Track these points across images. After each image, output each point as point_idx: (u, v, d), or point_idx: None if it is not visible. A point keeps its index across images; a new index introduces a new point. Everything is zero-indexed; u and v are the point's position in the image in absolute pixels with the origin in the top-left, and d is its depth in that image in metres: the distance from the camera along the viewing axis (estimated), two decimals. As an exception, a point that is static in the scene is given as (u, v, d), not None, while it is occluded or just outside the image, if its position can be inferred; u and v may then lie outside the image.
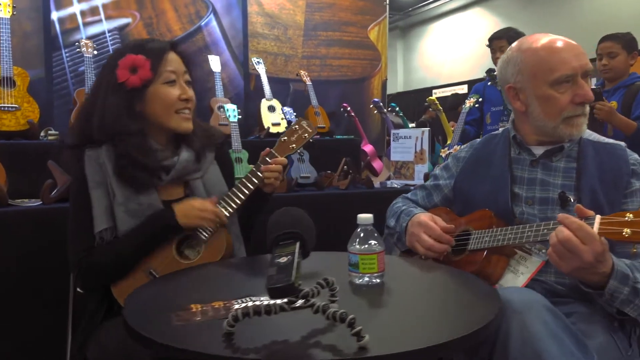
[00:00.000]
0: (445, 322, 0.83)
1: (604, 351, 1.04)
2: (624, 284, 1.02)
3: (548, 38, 1.26)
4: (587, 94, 1.21)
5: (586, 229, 0.95)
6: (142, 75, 1.28)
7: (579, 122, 1.24)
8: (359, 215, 1.02)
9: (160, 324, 0.77)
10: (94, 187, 1.28)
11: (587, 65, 1.23)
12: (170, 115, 1.32)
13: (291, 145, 1.42)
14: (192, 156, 1.37)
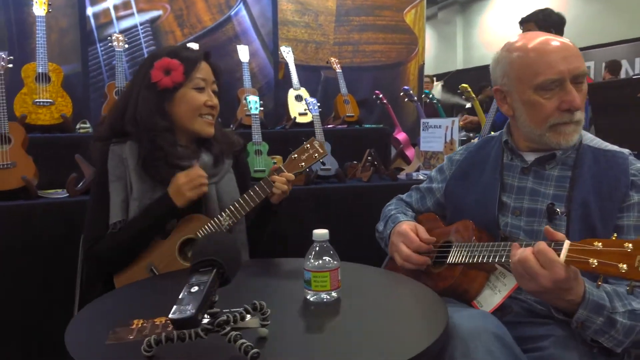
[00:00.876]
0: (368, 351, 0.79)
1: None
2: (596, 314, 0.94)
3: (538, 39, 1.16)
4: (574, 100, 1.11)
5: (547, 254, 0.88)
6: (175, 77, 1.36)
7: (567, 130, 1.14)
8: (314, 231, 1.00)
9: (92, 341, 0.80)
10: (114, 180, 1.37)
11: (578, 69, 1.12)
12: (194, 118, 1.40)
13: (300, 164, 1.44)
14: (211, 160, 1.44)
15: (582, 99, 1.14)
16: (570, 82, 1.12)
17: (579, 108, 1.13)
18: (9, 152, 2.16)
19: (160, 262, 1.35)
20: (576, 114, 1.14)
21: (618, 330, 0.96)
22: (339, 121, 3.20)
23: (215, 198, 1.45)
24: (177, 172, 1.39)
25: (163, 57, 1.38)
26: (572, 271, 0.89)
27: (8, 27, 2.85)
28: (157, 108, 1.39)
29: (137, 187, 1.37)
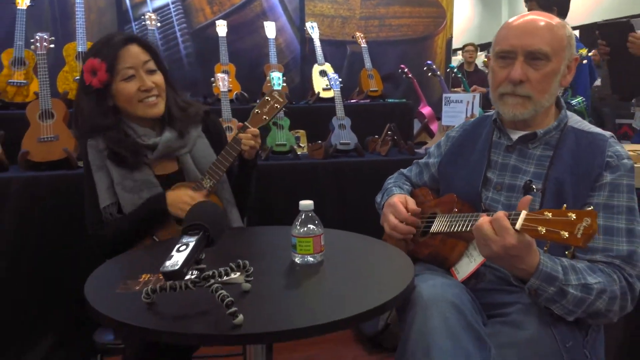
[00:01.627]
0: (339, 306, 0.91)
1: (535, 341, 1.06)
2: (548, 284, 1.02)
3: (519, 17, 1.24)
4: (514, 73, 1.18)
5: (501, 221, 0.96)
6: (100, 77, 1.43)
7: (510, 101, 1.22)
8: (300, 202, 1.11)
9: (106, 290, 0.95)
10: (96, 170, 1.50)
11: (531, 46, 1.17)
12: (135, 105, 1.48)
13: (263, 117, 1.53)
14: (174, 135, 1.53)
15: (538, 77, 1.19)
16: (525, 59, 1.18)
17: (515, 81, 1.18)
18: (52, 126, 2.36)
19: (162, 233, 1.49)
20: (519, 88, 1.19)
21: (568, 301, 1.04)
22: (362, 95, 3.26)
23: (192, 165, 1.56)
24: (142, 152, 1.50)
25: (88, 59, 1.45)
26: (524, 240, 0.97)
27: (51, 9, 3.05)
28: (99, 108, 1.47)
29: (116, 173, 1.49)
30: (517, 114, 1.22)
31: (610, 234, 1.13)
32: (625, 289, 1.09)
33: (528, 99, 1.21)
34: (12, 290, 2.19)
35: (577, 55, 1.26)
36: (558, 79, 1.22)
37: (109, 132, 1.48)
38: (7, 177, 2.20)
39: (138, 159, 1.50)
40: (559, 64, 1.20)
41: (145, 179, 1.51)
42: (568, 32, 1.23)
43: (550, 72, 1.19)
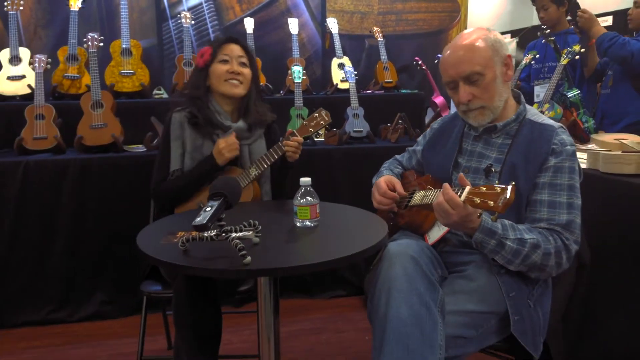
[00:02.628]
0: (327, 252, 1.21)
1: (482, 290, 1.34)
2: (489, 237, 1.29)
3: (448, 47, 1.49)
4: (460, 98, 1.45)
5: (454, 199, 1.24)
6: (205, 58, 1.87)
7: (471, 115, 1.48)
8: (301, 178, 1.41)
9: (153, 241, 1.29)
10: (174, 139, 1.87)
11: (463, 72, 1.42)
12: (222, 83, 1.87)
13: (310, 129, 1.87)
14: (245, 126, 1.91)
15: (481, 91, 1.43)
16: (464, 82, 1.43)
17: (463, 102, 1.45)
18: (101, 115, 2.73)
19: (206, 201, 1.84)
20: (471, 104, 1.45)
21: (507, 251, 1.31)
22: (377, 87, 3.53)
23: (247, 156, 1.91)
24: (217, 130, 1.86)
25: (203, 48, 1.90)
26: (468, 209, 1.25)
27: (99, 9, 3.41)
28: (201, 83, 1.89)
29: (190, 143, 1.86)
30: (481, 121, 1.49)
31: (553, 207, 1.38)
32: (560, 249, 1.34)
33: (483, 108, 1.46)
34: (71, 254, 2.58)
35: (509, 53, 1.48)
36: (499, 81, 1.45)
37: (198, 101, 1.87)
38: (66, 159, 2.58)
39: (210, 127, 1.87)
40: (493, 72, 1.44)
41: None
42: (490, 42, 1.44)
43: (489, 82, 1.43)
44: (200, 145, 1.87)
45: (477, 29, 1.51)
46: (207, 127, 1.86)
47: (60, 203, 2.57)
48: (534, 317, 1.40)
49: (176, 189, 1.84)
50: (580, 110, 2.76)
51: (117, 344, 2.44)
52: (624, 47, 2.55)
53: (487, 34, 1.48)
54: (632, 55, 2.54)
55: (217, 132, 1.88)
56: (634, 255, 1.75)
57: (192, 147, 1.86)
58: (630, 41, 2.58)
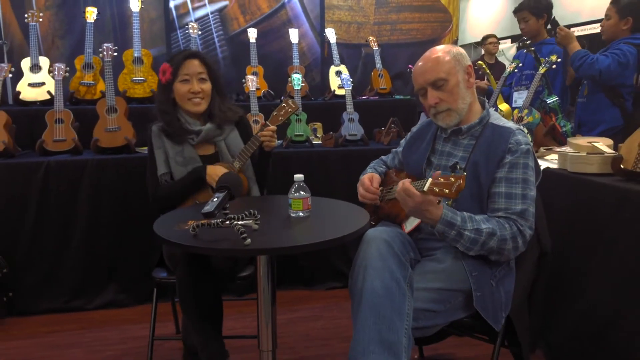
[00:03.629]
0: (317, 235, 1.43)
1: (449, 270, 1.55)
2: (449, 228, 1.50)
3: (422, 56, 1.72)
4: (429, 101, 1.68)
5: (409, 189, 1.45)
6: (167, 77, 2.04)
7: (439, 117, 1.70)
8: (295, 175, 1.63)
9: (167, 227, 1.51)
10: (157, 147, 2.08)
11: (429, 79, 1.65)
12: (184, 102, 2.07)
13: (280, 118, 2.09)
14: (213, 126, 2.10)
15: (446, 95, 1.65)
16: (432, 88, 1.66)
17: (432, 105, 1.67)
18: (115, 119, 2.97)
19: (202, 198, 2.05)
20: (439, 107, 1.67)
21: (465, 240, 1.52)
22: (372, 93, 3.76)
23: (225, 149, 2.12)
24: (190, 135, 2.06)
25: (164, 63, 2.06)
26: (427, 199, 1.44)
27: (112, 19, 3.66)
28: (165, 98, 2.07)
29: (171, 149, 2.07)
30: (448, 123, 1.71)
31: (509, 198, 1.59)
32: (516, 234, 1.55)
33: (449, 110, 1.68)
34: (88, 247, 2.82)
35: (469, 63, 1.71)
36: (462, 86, 1.67)
37: (167, 116, 2.08)
38: (83, 159, 2.81)
39: (182, 136, 2.08)
40: (456, 78, 1.66)
41: (191, 156, 2.09)
42: (452, 54, 1.67)
43: (453, 87, 1.66)
44: (181, 150, 2.08)
45: (444, 45, 1.74)
46: (180, 135, 2.07)
47: (78, 199, 2.80)
48: (496, 295, 1.61)
49: (172, 193, 2.05)
50: (558, 115, 2.98)
51: (130, 328, 2.66)
52: (592, 66, 2.77)
53: (450, 48, 1.71)
54: (600, 73, 2.76)
55: (191, 137, 2.09)
56: (594, 244, 1.96)
57: (174, 153, 2.07)
58: (598, 58, 2.79)
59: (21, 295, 2.75)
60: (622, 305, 1.79)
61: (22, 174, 2.73)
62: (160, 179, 2.06)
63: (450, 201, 1.37)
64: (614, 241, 1.86)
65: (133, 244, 2.85)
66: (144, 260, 2.84)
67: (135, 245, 2.85)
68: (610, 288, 1.86)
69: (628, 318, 1.75)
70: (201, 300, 1.75)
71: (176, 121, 2.08)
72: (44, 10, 3.54)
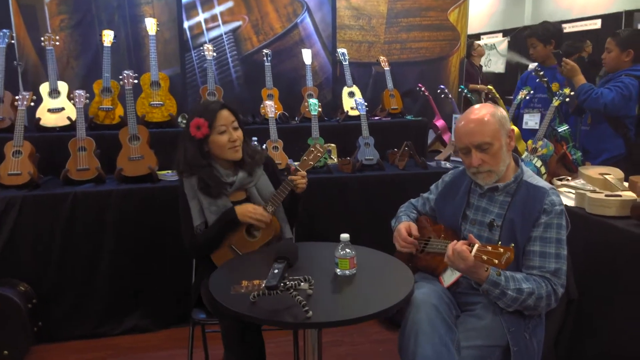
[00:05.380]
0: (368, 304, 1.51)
1: (489, 327, 1.66)
2: (494, 287, 1.61)
3: (465, 115, 1.79)
4: (471, 163, 1.76)
5: (463, 252, 1.55)
6: (203, 131, 2.07)
7: (479, 177, 1.79)
8: (341, 235, 1.72)
9: (224, 291, 1.59)
10: (190, 199, 2.13)
11: (476, 142, 1.73)
12: (225, 152, 2.11)
13: (309, 162, 2.15)
14: (245, 174, 2.17)
15: (489, 158, 1.74)
16: (476, 149, 1.74)
17: (475, 166, 1.75)
18: (138, 148, 3.01)
19: (236, 242, 2.14)
20: (481, 168, 1.75)
21: (508, 299, 1.62)
22: (384, 113, 3.83)
23: (257, 194, 2.19)
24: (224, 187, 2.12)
25: (195, 118, 2.08)
26: (476, 263, 1.54)
27: (127, 40, 3.67)
28: (199, 151, 2.09)
29: (205, 200, 2.12)
30: (488, 182, 1.80)
31: (543, 257, 1.70)
32: (550, 293, 1.66)
33: (490, 171, 1.77)
34: (114, 275, 2.88)
35: (511, 127, 1.80)
36: (504, 150, 1.77)
37: (203, 170, 2.12)
38: (108, 190, 2.86)
39: (220, 190, 2.14)
40: (499, 143, 1.75)
41: (224, 204, 2.15)
42: (497, 117, 1.76)
43: (497, 151, 1.75)
44: (214, 200, 2.14)
45: (485, 105, 1.82)
46: (218, 188, 2.12)
47: (104, 229, 2.85)
48: (530, 347, 1.72)
49: (208, 239, 2.12)
50: (569, 143, 3.09)
51: (157, 356, 2.74)
52: (597, 100, 2.89)
53: (495, 110, 1.79)
54: (605, 107, 2.88)
55: (224, 189, 2.15)
56: (614, 287, 2.08)
57: (208, 203, 2.12)
58: (603, 93, 2.91)
59: (50, 324, 2.81)
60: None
61: (49, 205, 2.77)
62: (196, 229, 2.12)
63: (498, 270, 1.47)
64: (633, 284, 1.98)
65: (157, 270, 2.92)
66: (168, 286, 2.92)
67: (159, 271, 2.92)
68: (631, 331, 1.98)
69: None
70: (248, 349, 1.84)
71: (213, 175, 2.13)
72: (58, 32, 3.54)
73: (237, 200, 2.19)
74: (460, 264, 1.58)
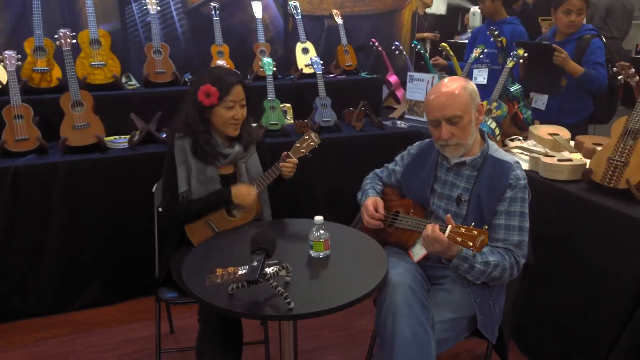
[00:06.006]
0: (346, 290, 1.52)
1: (458, 301, 1.74)
2: (464, 262, 1.67)
3: (436, 87, 1.79)
4: (441, 135, 1.76)
5: (440, 237, 1.58)
6: (212, 101, 1.99)
7: (446, 150, 1.81)
8: (315, 217, 1.70)
9: (199, 283, 1.55)
10: (179, 163, 2.06)
11: (446, 114, 1.74)
12: (226, 126, 2.05)
13: (302, 150, 2.10)
14: (241, 149, 2.12)
15: (458, 131, 1.75)
16: (446, 122, 1.75)
17: (445, 139, 1.76)
18: (83, 115, 2.81)
19: (215, 219, 2.09)
20: (449, 141, 1.77)
21: (476, 272, 1.69)
22: (339, 70, 3.75)
23: (244, 172, 2.15)
24: (218, 156, 2.06)
25: (206, 84, 1.99)
26: (450, 243, 1.59)
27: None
28: (200, 117, 2.04)
29: (194, 167, 2.06)
30: (454, 155, 1.82)
31: (508, 230, 1.77)
32: (513, 264, 1.75)
33: (458, 144, 1.79)
34: (66, 250, 2.75)
35: (482, 102, 1.82)
36: (473, 124, 1.79)
37: (201, 135, 2.05)
38: (54, 162, 2.68)
39: (214, 158, 2.08)
40: (469, 116, 1.76)
41: (212, 175, 2.09)
42: (468, 91, 1.76)
43: (466, 124, 1.76)
44: (204, 168, 2.07)
45: (456, 79, 1.81)
46: (212, 156, 2.07)
47: (52, 203, 2.69)
48: (493, 313, 1.82)
49: (191, 212, 2.06)
50: (520, 103, 3.17)
51: (121, 330, 2.69)
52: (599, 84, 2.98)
53: (465, 84, 1.79)
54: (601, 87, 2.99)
55: (218, 158, 2.08)
56: (564, 246, 2.21)
57: (197, 171, 2.06)
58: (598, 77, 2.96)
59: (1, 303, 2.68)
60: (588, 301, 2.07)
61: (-14, 181, 2.57)
62: (180, 196, 2.06)
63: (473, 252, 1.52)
64: (583, 244, 2.12)
65: (113, 242, 2.82)
66: (126, 257, 2.85)
67: (116, 242, 2.82)
68: (577, 285, 2.14)
69: (595, 313, 2.05)
70: (227, 332, 1.84)
71: (209, 142, 2.06)
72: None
73: (224, 174, 2.14)
74: (437, 247, 1.61)
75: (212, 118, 2.06)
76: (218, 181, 2.10)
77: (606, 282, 2.02)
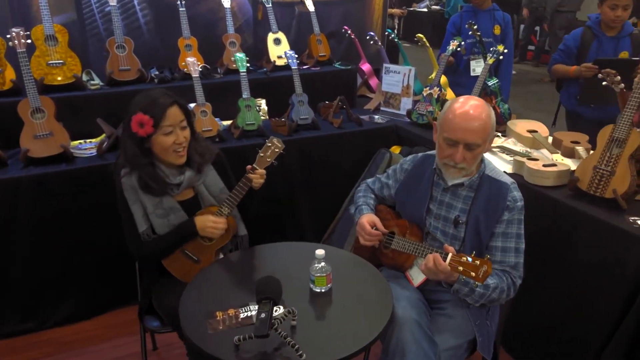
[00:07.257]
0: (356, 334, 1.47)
1: (459, 325, 1.74)
2: (464, 286, 1.67)
3: (463, 107, 1.69)
4: (455, 158, 1.70)
5: (442, 266, 1.56)
6: (147, 130, 1.82)
7: (450, 171, 1.77)
8: (316, 251, 1.64)
9: (200, 331, 1.48)
10: (132, 203, 1.90)
11: (469, 140, 1.68)
12: (168, 154, 1.89)
13: (267, 159, 1.98)
14: (193, 173, 1.96)
15: (471, 157, 1.70)
16: (464, 147, 1.69)
17: (457, 163, 1.71)
18: (45, 123, 2.60)
19: (190, 247, 1.98)
20: (459, 165, 1.72)
21: (475, 295, 1.69)
22: (312, 61, 3.63)
23: (205, 191, 2.02)
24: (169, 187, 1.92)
25: (138, 113, 1.81)
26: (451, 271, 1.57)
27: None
28: (139, 149, 1.86)
29: (149, 204, 1.92)
30: (455, 178, 1.79)
31: (504, 252, 1.77)
32: (510, 285, 1.76)
33: (462, 169, 1.75)
34: (35, 267, 2.59)
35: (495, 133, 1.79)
36: (484, 152, 1.77)
37: (145, 169, 1.89)
38: (16, 177, 2.47)
39: (165, 191, 1.93)
40: (486, 145, 1.73)
41: (171, 206, 1.95)
42: (492, 121, 1.72)
43: (480, 152, 1.73)
44: (160, 201, 1.93)
45: (482, 102, 1.73)
46: (162, 189, 1.92)
47: (16, 221, 2.51)
48: (490, 332, 1.84)
49: (160, 250, 1.95)
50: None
51: (101, 349, 2.58)
52: None
53: (489, 111, 1.72)
54: None
55: (170, 189, 1.94)
56: (551, 253, 2.25)
57: (153, 207, 1.92)
58: None
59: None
60: (572, 306, 2.13)
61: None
62: (142, 235, 1.92)
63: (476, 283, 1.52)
64: (568, 249, 2.16)
65: (85, 256, 2.68)
66: (99, 270, 2.73)
67: (88, 256, 2.68)
68: (562, 290, 2.19)
69: (579, 316, 2.11)
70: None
71: (156, 175, 1.90)
72: None
73: (184, 200, 2.00)
74: (440, 276, 1.60)
75: (153, 148, 1.88)
76: (179, 209, 1.96)
77: (591, 289, 2.08)
